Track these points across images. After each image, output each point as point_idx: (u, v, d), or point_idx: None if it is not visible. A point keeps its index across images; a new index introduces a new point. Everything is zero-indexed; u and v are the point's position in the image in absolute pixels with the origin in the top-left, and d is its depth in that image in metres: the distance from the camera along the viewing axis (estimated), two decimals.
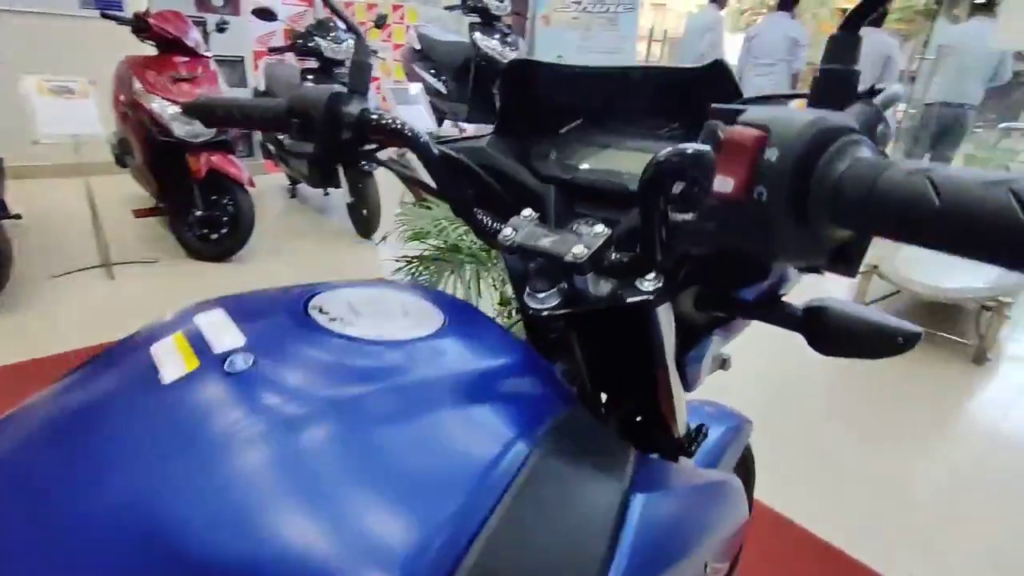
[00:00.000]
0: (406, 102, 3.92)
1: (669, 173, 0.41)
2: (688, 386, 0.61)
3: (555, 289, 0.53)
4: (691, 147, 0.39)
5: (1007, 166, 4.69)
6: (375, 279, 0.63)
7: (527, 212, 0.56)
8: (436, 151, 0.59)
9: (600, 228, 0.50)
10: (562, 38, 4.98)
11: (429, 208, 1.83)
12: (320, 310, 0.42)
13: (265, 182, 4.65)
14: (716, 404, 0.92)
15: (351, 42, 3.58)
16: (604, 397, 0.64)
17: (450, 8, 4.67)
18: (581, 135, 0.63)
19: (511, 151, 0.65)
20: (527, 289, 0.55)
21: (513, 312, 1.74)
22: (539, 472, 0.37)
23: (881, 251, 3.07)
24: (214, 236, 3.12)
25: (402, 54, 5.26)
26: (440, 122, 5.19)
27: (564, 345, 0.58)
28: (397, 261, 1.76)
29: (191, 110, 0.68)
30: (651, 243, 0.45)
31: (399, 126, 0.59)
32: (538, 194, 0.61)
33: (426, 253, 1.73)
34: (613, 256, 0.49)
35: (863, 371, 2.52)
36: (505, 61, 4.38)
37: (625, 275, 0.49)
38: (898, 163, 0.30)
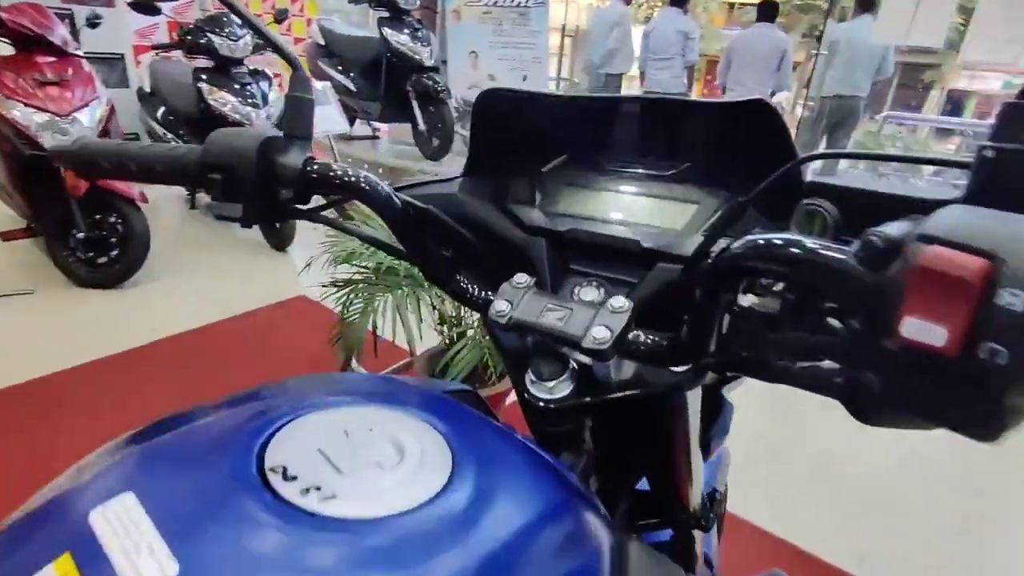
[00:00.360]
0: (316, 102, 3.67)
1: (750, 271, 0.32)
2: (707, 456, 0.54)
3: (566, 374, 0.44)
4: (827, 251, 0.29)
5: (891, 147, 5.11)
6: (338, 376, 0.52)
7: (521, 278, 0.46)
8: (398, 202, 0.49)
9: (621, 303, 0.42)
10: (474, 33, 4.86)
11: (353, 219, 1.68)
12: (284, 473, 0.30)
13: (158, 190, 4.22)
14: None
15: (250, 38, 3.28)
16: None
17: (356, 1, 4.42)
18: (568, 174, 0.54)
19: (486, 195, 0.55)
20: (529, 374, 0.46)
21: (454, 335, 1.63)
22: None
23: None
24: (102, 260, 2.76)
25: (305, 50, 4.94)
26: (351, 121, 4.94)
27: (572, 432, 0.49)
28: (324, 286, 1.60)
29: (65, 158, 0.52)
30: (704, 338, 0.37)
31: (353, 178, 0.47)
32: (524, 248, 0.52)
33: (357, 276, 1.58)
34: (641, 338, 0.41)
35: None
36: (416, 57, 4.19)
37: (657, 362, 0.41)
38: None
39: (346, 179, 0.47)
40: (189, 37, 3.25)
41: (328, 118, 3.78)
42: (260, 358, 2.30)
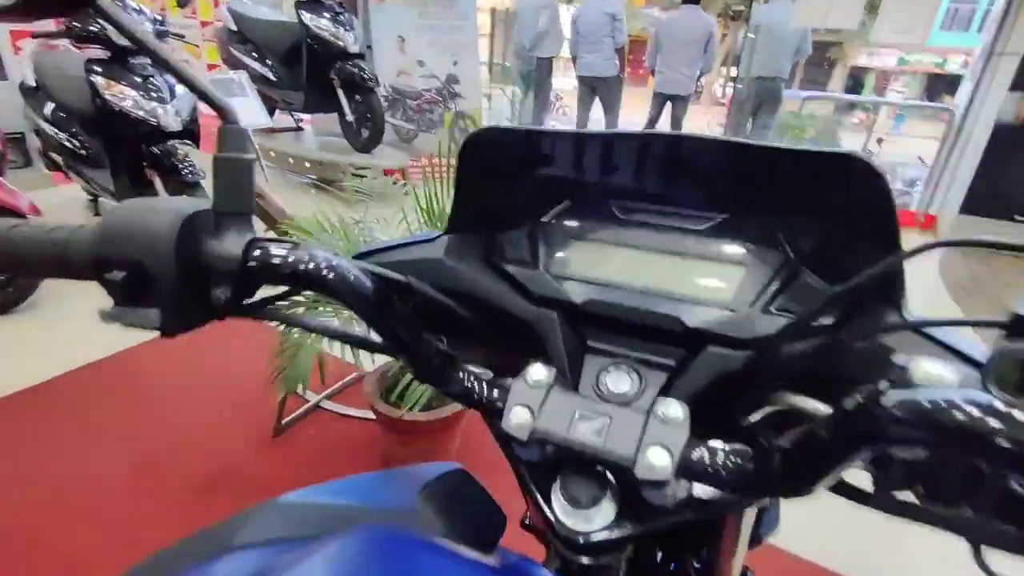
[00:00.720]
0: (231, 94, 3.38)
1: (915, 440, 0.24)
2: (755, 545, 0.47)
3: (605, 495, 0.36)
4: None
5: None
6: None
7: (538, 373, 0.37)
8: (369, 285, 0.38)
9: (676, 411, 0.33)
10: (398, 16, 4.62)
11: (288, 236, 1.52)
12: None
13: (54, 198, 3.78)
14: None
15: (149, 26, 2.95)
16: None
17: None
18: (574, 225, 0.45)
19: (478, 256, 0.45)
20: (558, 497, 0.36)
21: None
22: None
23: None
24: None
25: (216, 36, 4.55)
26: (271, 112, 4.62)
27: (609, 560, 0.40)
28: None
29: None
30: (801, 484, 0.29)
31: (311, 264, 0.36)
32: (530, 322, 0.42)
33: (292, 307, 1.43)
34: (705, 460, 0.32)
35: None
36: (340, 43, 3.94)
37: (740, 490, 0.33)
38: None
39: (300, 266, 0.35)
40: (77, 24, 2.88)
41: (247, 111, 3.49)
42: (191, 387, 2.09)
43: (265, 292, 0.40)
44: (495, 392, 0.39)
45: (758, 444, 0.33)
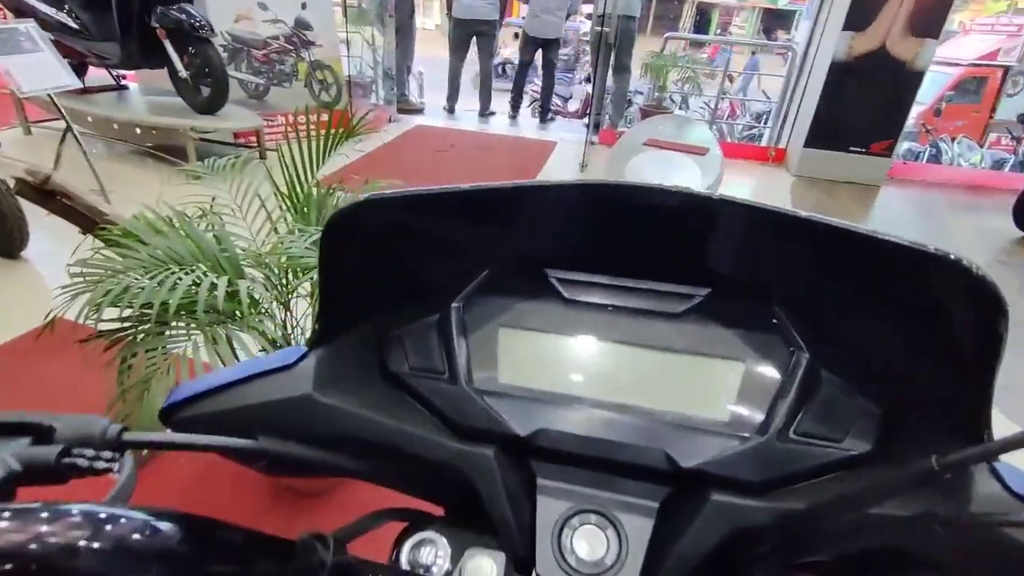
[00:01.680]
0: (18, 51, 2.74)
1: None
2: None
3: None
4: None
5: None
6: None
7: (483, 565, 0.25)
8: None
9: None
10: None
11: (119, 244, 1.23)
12: None
13: None
14: None
15: None
16: None
17: None
18: (495, 307, 0.32)
19: (362, 377, 0.32)
20: None
21: None
22: None
23: (612, 171, 3.29)
24: None
25: None
26: (82, 70, 3.88)
27: None
28: (82, 343, 1.17)
29: None
30: None
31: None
32: (455, 467, 0.30)
33: (132, 323, 1.16)
34: None
35: None
36: None
37: None
38: None
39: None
40: None
41: (42, 70, 2.86)
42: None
43: None
44: None
45: None
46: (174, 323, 1.15)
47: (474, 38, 5.50)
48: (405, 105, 5.84)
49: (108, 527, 0.21)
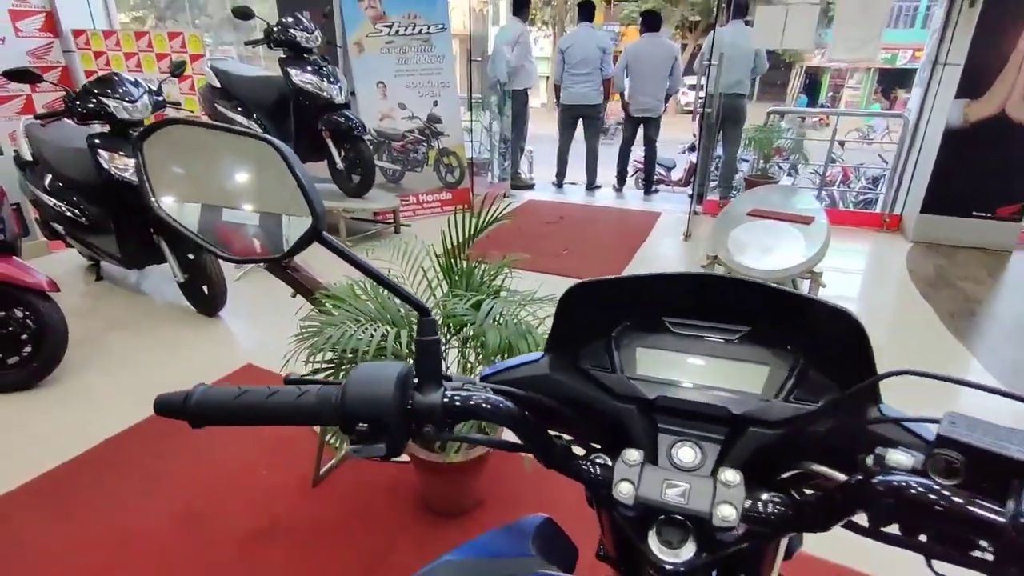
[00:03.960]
0: None
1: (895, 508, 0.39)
2: (788, 557, 0.63)
3: (688, 537, 0.51)
4: (981, 509, 0.36)
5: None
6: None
7: (632, 456, 0.52)
8: (514, 407, 0.53)
9: (733, 477, 0.49)
10: (378, 63, 4.80)
11: (324, 305, 1.65)
12: None
13: (53, 264, 3.85)
14: None
15: (147, 99, 3.08)
16: None
17: (252, 43, 4.24)
18: (635, 337, 0.60)
19: (571, 368, 0.60)
20: (655, 542, 0.51)
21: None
22: None
23: (716, 243, 3.47)
24: (12, 361, 2.51)
25: (200, 94, 4.67)
26: None
27: None
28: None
29: (177, 413, 0.53)
30: (821, 523, 0.45)
31: (479, 403, 0.52)
32: (617, 414, 0.57)
33: (333, 364, 1.55)
34: (758, 509, 0.48)
35: None
36: (326, 95, 4.11)
37: (777, 530, 0.48)
38: None
39: (473, 406, 0.52)
40: (76, 102, 3.00)
41: None
42: (230, 443, 2.19)
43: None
44: (599, 469, 0.54)
45: (790, 495, 0.49)
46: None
47: (580, 120, 6.01)
48: (518, 181, 6.41)
49: None
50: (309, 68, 4.14)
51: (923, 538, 0.40)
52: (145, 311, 3.38)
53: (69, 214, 3.33)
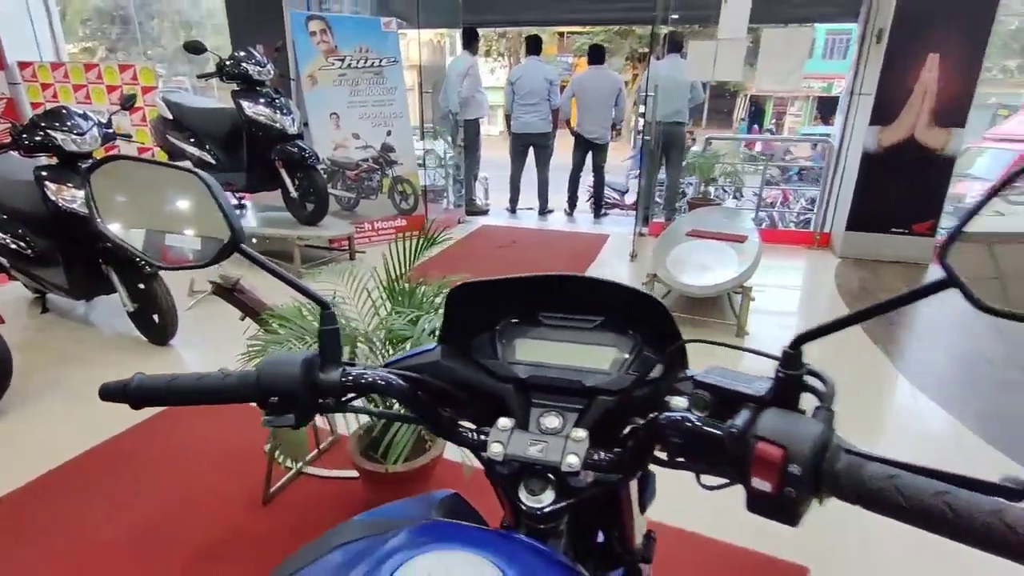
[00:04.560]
0: None
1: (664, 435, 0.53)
2: (643, 508, 0.76)
3: (548, 486, 0.63)
4: (712, 429, 0.50)
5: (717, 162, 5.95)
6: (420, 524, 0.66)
7: (505, 423, 0.65)
8: (406, 384, 0.65)
9: (579, 433, 0.62)
10: (331, 95, 4.93)
11: (270, 325, 1.74)
12: None
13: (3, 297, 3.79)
14: None
15: (97, 131, 3.12)
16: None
17: (204, 77, 4.32)
18: (516, 330, 0.73)
19: (459, 356, 0.73)
20: (523, 492, 0.64)
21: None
22: None
23: (655, 262, 3.68)
24: None
25: (152, 125, 4.70)
26: None
27: (555, 524, 0.67)
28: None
29: (117, 396, 0.63)
30: (643, 454, 0.58)
31: (374, 379, 0.64)
32: (498, 393, 0.70)
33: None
34: (597, 457, 0.61)
35: None
36: (278, 126, 4.24)
37: (610, 472, 0.62)
38: (866, 461, 0.44)
39: (369, 381, 0.63)
40: (25, 136, 3.02)
41: None
42: (181, 466, 2.22)
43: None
44: (480, 437, 0.66)
45: (628, 446, 0.63)
46: None
47: (531, 148, 6.25)
48: (472, 207, 6.58)
49: None
50: (262, 100, 4.23)
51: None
52: (93, 342, 3.36)
53: (14, 246, 3.30)
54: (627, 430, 0.67)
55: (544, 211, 6.60)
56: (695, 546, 1.85)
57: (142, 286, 3.14)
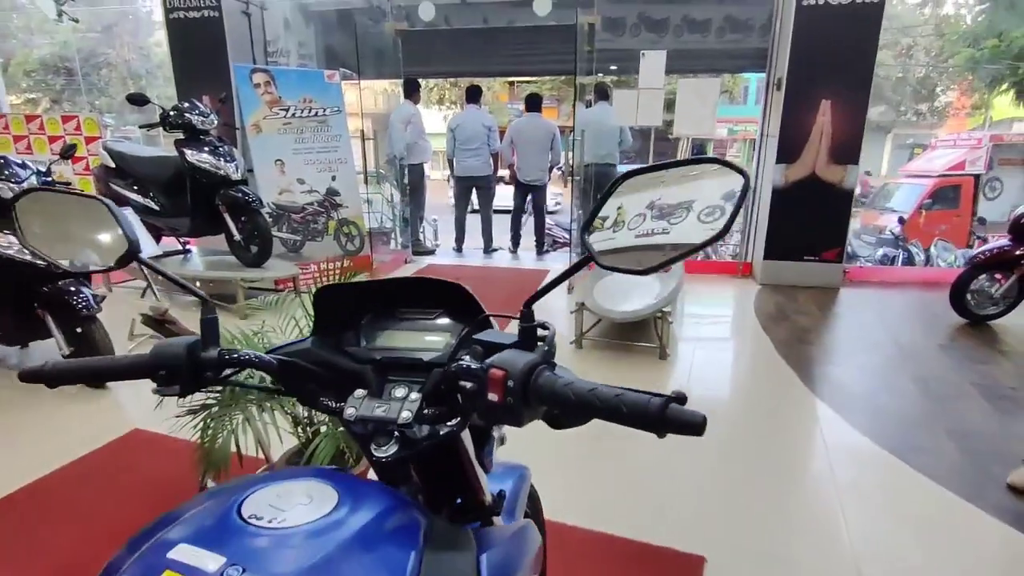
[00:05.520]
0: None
1: (458, 377, 0.73)
2: (487, 469, 0.94)
3: (392, 440, 0.82)
4: (470, 366, 0.71)
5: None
6: (279, 472, 0.82)
7: (359, 392, 0.83)
8: (275, 362, 0.83)
9: (414, 395, 0.81)
10: (276, 143, 5.11)
11: None
12: (254, 516, 0.63)
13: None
14: (503, 464, 1.27)
15: (35, 179, 3.21)
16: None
17: (147, 127, 4.45)
18: (376, 323, 0.92)
19: (329, 345, 0.91)
20: (372, 444, 0.82)
21: (310, 433, 1.89)
22: (430, 563, 0.66)
23: (584, 292, 3.94)
24: None
25: (95, 174, 4.77)
26: (157, 239, 4.83)
27: (405, 473, 0.85)
28: (179, 416, 1.76)
29: (36, 378, 0.78)
30: (454, 408, 0.77)
31: (249, 357, 0.81)
32: (359, 372, 0.88)
33: (210, 401, 1.77)
34: (426, 411, 0.80)
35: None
36: (222, 172, 4.50)
37: (437, 423, 0.80)
38: (564, 377, 0.65)
39: (245, 359, 0.81)
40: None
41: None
42: (115, 498, 2.27)
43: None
44: (339, 405, 0.84)
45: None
46: (230, 402, 1.75)
47: (474, 190, 6.54)
48: (419, 248, 6.78)
49: None
50: (205, 148, 4.38)
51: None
52: (28, 387, 3.34)
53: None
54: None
55: (488, 249, 6.85)
56: (593, 543, 2.01)
57: (79, 330, 3.19)
